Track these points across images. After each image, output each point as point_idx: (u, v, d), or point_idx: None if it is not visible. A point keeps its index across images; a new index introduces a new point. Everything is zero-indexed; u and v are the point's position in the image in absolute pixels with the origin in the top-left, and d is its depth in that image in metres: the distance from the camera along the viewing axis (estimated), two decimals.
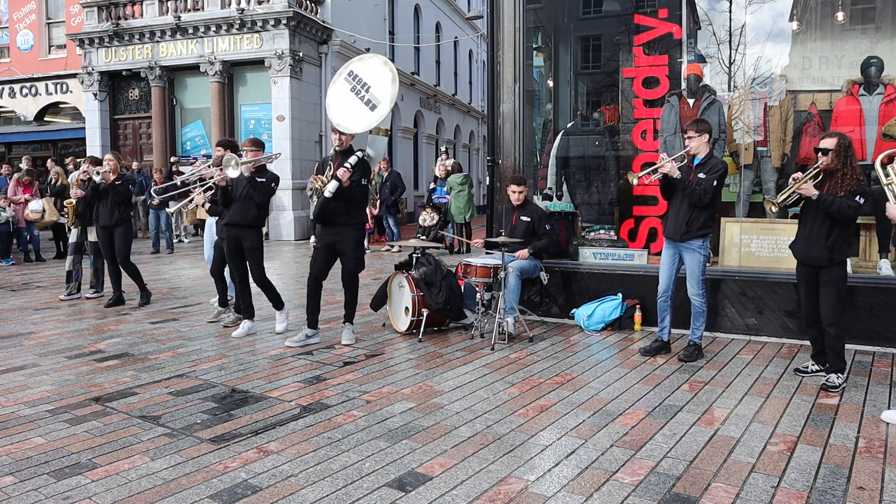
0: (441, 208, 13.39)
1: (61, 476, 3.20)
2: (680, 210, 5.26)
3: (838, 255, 4.52)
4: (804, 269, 4.69)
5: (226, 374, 4.94)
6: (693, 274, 5.27)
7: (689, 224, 5.20)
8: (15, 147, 21.18)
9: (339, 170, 5.43)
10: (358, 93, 5.75)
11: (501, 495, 3.00)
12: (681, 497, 2.99)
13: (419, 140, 24.19)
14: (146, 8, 17.86)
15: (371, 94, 5.68)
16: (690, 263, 5.28)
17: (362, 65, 5.90)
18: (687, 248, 5.27)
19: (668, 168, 5.14)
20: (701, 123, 5.27)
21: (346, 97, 5.80)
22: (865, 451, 3.52)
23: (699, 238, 5.22)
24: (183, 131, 18.53)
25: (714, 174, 5.11)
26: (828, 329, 4.55)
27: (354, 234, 5.76)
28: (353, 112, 5.72)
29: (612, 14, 8.18)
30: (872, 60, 6.44)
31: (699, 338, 5.39)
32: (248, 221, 6.02)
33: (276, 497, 2.99)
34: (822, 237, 4.52)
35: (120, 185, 7.53)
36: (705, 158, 5.22)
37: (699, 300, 5.30)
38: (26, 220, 11.97)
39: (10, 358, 5.41)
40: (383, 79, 5.71)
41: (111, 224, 7.59)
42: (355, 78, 5.82)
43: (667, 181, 5.28)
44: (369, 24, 19.79)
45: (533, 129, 7.94)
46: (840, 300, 4.55)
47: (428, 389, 4.55)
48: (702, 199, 5.09)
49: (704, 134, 5.20)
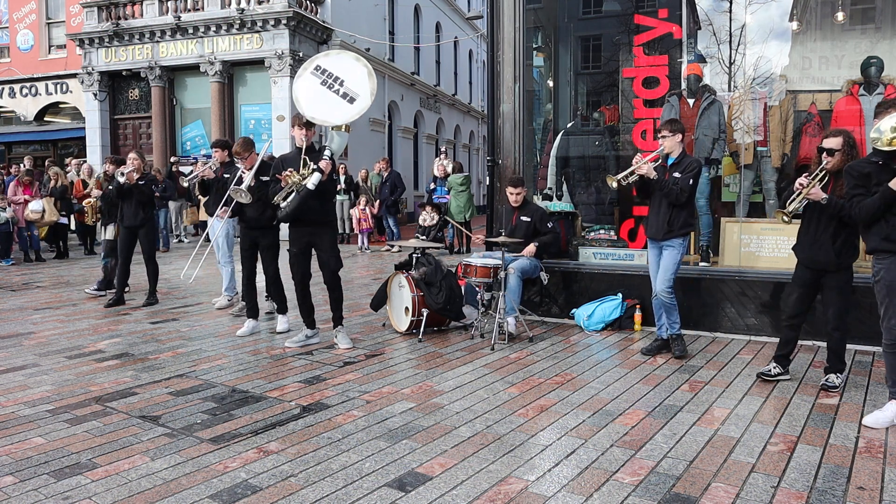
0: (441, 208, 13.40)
1: (61, 476, 3.20)
2: (660, 210, 5.31)
3: (846, 259, 4.41)
4: (806, 272, 4.55)
5: (226, 374, 4.94)
6: (667, 269, 5.31)
7: (670, 223, 5.26)
8: (15, 147, 21.18)
9: (322, 161, 5.29)
10: (331, 87, 5.62)
11: (501, 495, 3.00)
12: (681, 497, 2.99)
13: (419, 140, 24.20)
14: (146, 8, 17.87)
15: (347, 88, 5.58)
16: (667, 258, 5.32)
17: (329, 60, 5.80)
18: (668, 246, 5.33)
19: (645, 170, 5.19)
20: (674, 123, 5.33)
21: (317, 91, 5.63)
22: (865, 451, 3.52)
23: (681, 237, 5.28)
24: (183, 131, 18.54)
25: (689, 172, 5.17)
26: (832, 333, 4.51)
27: (330, 233, 5.69)
28: (328, 105, 5.57)
29: (612, 14, 8.19)
30: (872, 60, 6.43)
31: (678, 329, 5.43)
32: (264, 223, 6.10)
33: (276, 497, 2.99)
34: (828, 241, 4.36)
35: (143, 185, 7.59)
36: (679, 157, 5.29)
37: (668, 295, 5.33)
38: (26, 220, 11.97)
39: (10, 358, 5.41)
40: (358, 74, 5.62)
41: (136, 224, 7.63)
42: (324, 72, 5.69)
43: (643, 182, 5.31)
44: (369, 24, 19.80)
45: (533, 129, 7.94)
46: (847, 305, 4.51)
47: (428, 389, 4.55)
48: (679, 198, 5.15)
49: (678, 133, 5.28)
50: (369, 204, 14.29)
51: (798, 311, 4.63)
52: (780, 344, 4.77)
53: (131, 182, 7.47)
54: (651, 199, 5.43)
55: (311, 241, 5.59)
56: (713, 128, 6.89)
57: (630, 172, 5.25)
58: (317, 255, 5.63)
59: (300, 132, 5.49)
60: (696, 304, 6.34)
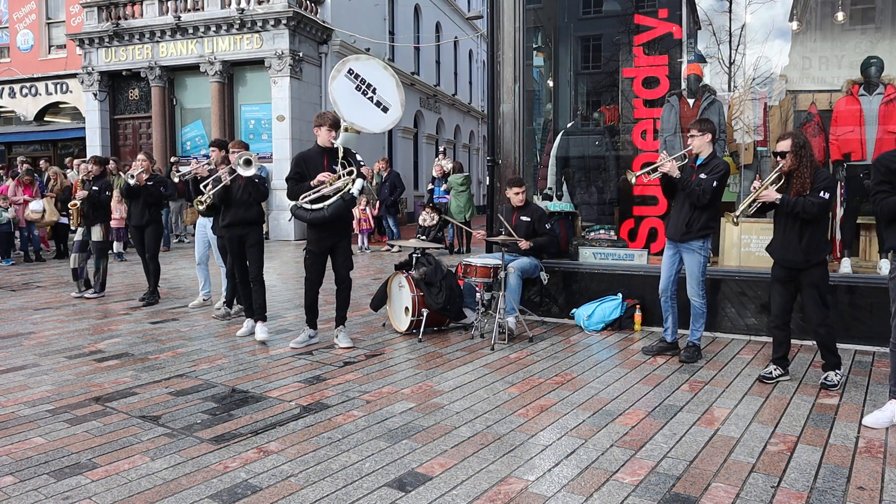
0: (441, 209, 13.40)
1: (61, 476, 3.20)
2: (681, 210, 5.23)
3: (814, 256, 4.49)
4: (781, 271, 4.65)
5: (226, 374, 4.94)
6: (693, 275, 5.26)
7: (689, 225, 5.18)
8: (15, 147, 21.17)
9: (364, 168, 5.36)
10: (364, 93, 5.73)
11: (501, 495, 3.00)
12: (681, 497, 2.99)
13: (419, 140, 24.19)
14: (146, 8, 17.86)
15: (379, 97, 5.69)
16: (690, 264, 5.26)
17: (361, 65, 5.91)
18: (687, 249, 5.25)
19: (668, 167, 5.12)
20: (704, 123, 5.22)
21: (354, 96, 5.77)
22: (865, 451, 3.52)
23: (699, 239, 5.19)
24: (183, 131, 18.53)
25: (715, 175, 5.07)
26: (818, 329, 4.56)
27: (349, 234, 5.81)
28: (365, 112, 5.71)
29: (612, 14, 8.18)
30: (872, 60, 6.43)
31: (698, 339, 5.38)
32: (252, 218, 6.03)
33: (276, 497, 2.99)
34: (795, 239, 4.50)
35: (152, 186, 7.69)
36: (708, 158, 5.18)
37: (699, 301, 5.29)
38: (26, 220, 11.97)
39: (10, 358, 5.41)
40: (387, 83, 5.73)
41: (142, 223, 7.79)
42: (357, 77, 5.79)
43: (668, 181, 5.25)
44: (369, 24, 19.79)
45: (533, 129, 7.94)
46: (824, 300, 4.55)
47: (428, 389, 4.55)
48: (700, 200, 5.06)
49: (707, 133, 5.15)
50: (369, 204, 14.29)
51: (781, 310, 4.68)
52: (774, 347, 4.79)
53: (141, 183, 7.58)
54: (675, 199, 5.36)
55: (332, 244, 5.57)
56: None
57: (653, 169, 5.20)
58: (332, 258, 5.63)
59: (328, 133, 5.44)
60: None
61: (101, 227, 8.19)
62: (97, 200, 8.10)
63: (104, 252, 8.33)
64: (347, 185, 5.30)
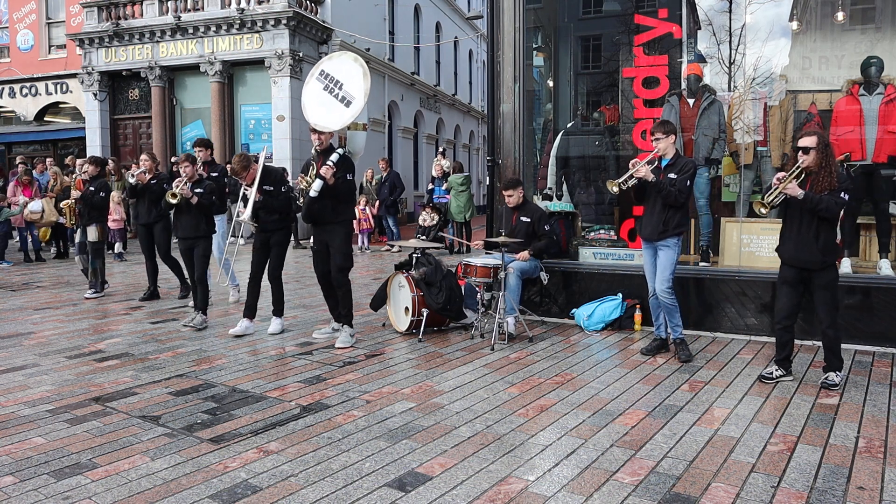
0: (441, 209, 13.39)
1: (61, 476, 3.20)
2: (654, 211, 5.32)
3: (830, 256, 4.48)
4: (791, 272, 4.60)
5: (226, 374, 4.94)
6: (665, 268, 5.31)
7: (665, 223, 5.26)
8: (15, 147, 21.17)
9: (322, 168, 5.49)
10: (331, 91, 5.78)
11: (501, 495, 3.00)
12: (681, 497, 2.99)
13: (419, 140, 24.18)
14: (146, 8, 17.86)
15: (345, 91, 5.72)
16: (664, 259, 5.31)
17: (332, 63, 5.95)
18: (663, 246, 5.33)
19: (643, 172, 5.18)
20: (667, 125, 5.35)
21: (320, 96, 5.86)
22: (865, 451, 3.52)
23: (675, 236, 5.29)
24: (183, 131, 18.53)
25: (686, 173, 5.18)
26: (826, 331, 4.54)
27: (342, 231, 5.86)
28: (328, 110, 5.75)
29: (612, 14, 8.19)
30: (872, 60, 6.43)
31: (681, 334, 5.42)
32: (275, 226, 6.21)
33: (276, 497, 2.99)
34: (811, 239, 4.45)
35: (154, 184, 7.71)
36: (673, 159, 5.30)
37: (668, 296, 5.32)
38: (26, 220, 11.97)
39: (10, 358, 5.41)
40: (355, 75, 5.74)
41: (150, 221, 7.82)
42: (327, 77, 5.87)
43: (638, 184, 5.31)
44: (369, 24, 19.79)
45: (533, 129, 7.94)
46: (835, 302, 4.55)
47: (428, 389, 4.55)
48: (678, 199, 5.16)
49: (671, 135, 5.30)
50: (369, 204, 14.29)
51: (788, 312, 4.66)
52: (777, 348, 4.78)
53: (143, 183, 7.61)
54: (646, 201, 5.42)
55: (325, 238, 5.83)
56: (713, 128, 6.88)
57: (629, 176, 5.24)
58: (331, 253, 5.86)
59: (314, 136, 5.79)
60: (696, 304, 6.34)
61: (97, 227, 8.21)
62: (91, 201, 8.11)
63: (100, 252, 8.33)
64: (310, 186, 5.59)
